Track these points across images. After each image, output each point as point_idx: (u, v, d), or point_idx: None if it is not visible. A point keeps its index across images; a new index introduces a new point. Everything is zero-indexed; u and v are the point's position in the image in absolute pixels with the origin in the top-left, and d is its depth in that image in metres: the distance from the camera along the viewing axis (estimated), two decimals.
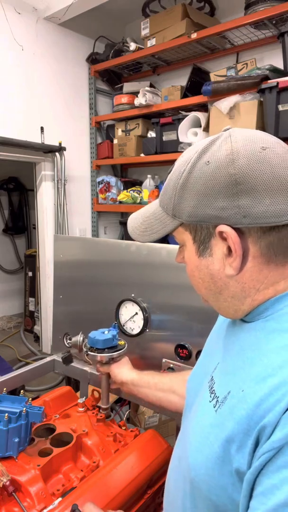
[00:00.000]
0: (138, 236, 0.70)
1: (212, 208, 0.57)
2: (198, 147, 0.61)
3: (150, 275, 1.36)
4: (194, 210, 0.59)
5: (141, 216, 0.71)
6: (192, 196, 0.59)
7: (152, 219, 0.68)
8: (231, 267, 0.59)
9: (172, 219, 0.64)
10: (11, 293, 5.05)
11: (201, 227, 0.60)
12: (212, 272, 0.62)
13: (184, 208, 0.60)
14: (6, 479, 0.88)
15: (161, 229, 0.66)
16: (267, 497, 0.47)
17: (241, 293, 0.61)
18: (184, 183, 0.60)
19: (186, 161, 0.61)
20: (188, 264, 0.67)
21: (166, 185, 0.65)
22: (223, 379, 0.63)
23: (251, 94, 2.49)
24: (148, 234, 0.68)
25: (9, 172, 4.89)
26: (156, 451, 1.10)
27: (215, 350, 0.74)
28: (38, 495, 0.89)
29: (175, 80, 3.39)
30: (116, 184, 3.54)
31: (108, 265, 1.49)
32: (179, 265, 1.27)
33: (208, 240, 0.61)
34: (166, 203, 0.64)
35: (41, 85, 3.22)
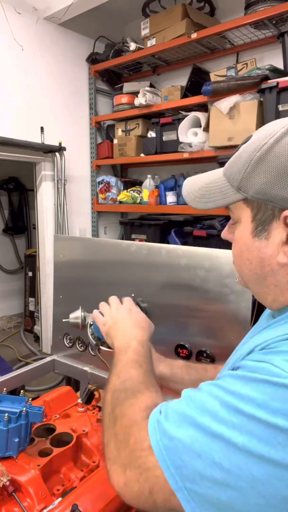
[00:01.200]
0: (193, 201, 0.67)
1: (286, 190, 0.54)
2: (285, 122, 0.56)
3: (150, 275, 1.36)
4: (265, 188, 0.55)
5: (200, 181, 0.67)
6: (267, 172, 0.55)
7: (212, 187, 0.64)
8: (286, 255, 0.56)
9: (235, 191, 0.60)
10: (11, 293, 5.05)
11: (266, 207, 0.57)
12: (262, 256, 0.59)
13: (254, 183, 0.57)
14: (6, 479, 0.88)
15: (221, 199, 0.62)
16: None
17: (286, 284, 0.59)
18: (262, 157, 0.56)
19: (270, 134, 0.56)
20: (238, 242, 0.63)
21: (238, 155, 0.61)
22: (229, 361, 0.68)
23: (251, 94, 2.49)
24: (204, 202, 0.65)
25: (9, 172, 4.88)
26: None
27: (244, 340, 0.76)
28: (38, 495, 0.89)
29: (175, 80, 3.39)
30: (116, 184, 3.54)
31: (108, 265, 1.49)
32: (179, 265, 1.27)
33: (269, 222, 0.57)
34: (233, 173, 0.60)
35: (41, 85, 3.22)
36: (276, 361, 0.49)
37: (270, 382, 0.47)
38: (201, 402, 0.51)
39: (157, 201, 3.14)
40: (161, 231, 3.09)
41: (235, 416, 0.47)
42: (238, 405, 0.47)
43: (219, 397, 0.50)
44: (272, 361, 0.49)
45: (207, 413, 0.50)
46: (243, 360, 0.54)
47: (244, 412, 0.47)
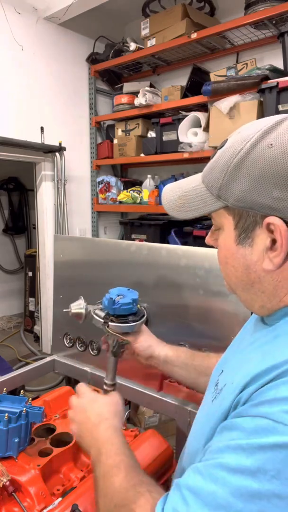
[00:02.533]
0: (173, 211, 0.65)
1: (266, 196, 0.52)
2: (260, 126, 0.55)
3: (150, 275, 1.36)
4: (245, 195, 0.54)
5: (178, 189, 0.66)
6: (245, 179, 0.53)
7: (192, 195, 0.62)
8: (271, 261, 0.55)
9: (215, 199, 0.58)
10: (11, 293, 5.05)
11: (248, 214, 0.55)
12: (248, 263, 0.58)
13: (233, 190, 0.55)
14: (6, 479, 0.88)
15: (201, 207, 0.60)
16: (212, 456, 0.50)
17: (273, 290, 0.58)
18: (239, 164, 0.54)
19: (245, 139, 0.54)
20: (222, 249, 0.62)
21: (215, 162, 0.59)
22: (227, 373, 0.64)
23: (251, 94, 2.49)
24: (185, 211, 0.63)
25: (9, 172, 4.89)
26: (156, 451, 1.10)
27: (236, 345, 0.74)
28: (38, 495, 0.89)
29: (175, 80, 3.39)
30: (116, 184, 3.54)
31: (108, 265, 1.49)
32: (179, 265, 1.27)
33: (252, 229, 0.56)
34: (211, 181, 0.59)
35: (41, 85, 3.22)
36: (276, 415, 0.45)
37: (278, 445, 0.43)
38: (211, 497, 0.47)
39: (157, 201, 3.14)
40: (161, 231, 3.09)
41: (252, 503, 0.43)
42: (252, 487, 0.44)
43: (227, 484, 0.46)
44: (273, 416, 0.45)
45: (222, 509, 0.45)
46: (240, 418, 0.50)
47: (261, 493, 0.43)
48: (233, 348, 0.75)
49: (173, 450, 1.14)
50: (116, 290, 0.97)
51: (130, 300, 0.94)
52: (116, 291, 0.97)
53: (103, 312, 0.94)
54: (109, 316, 0.93)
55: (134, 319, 0.94)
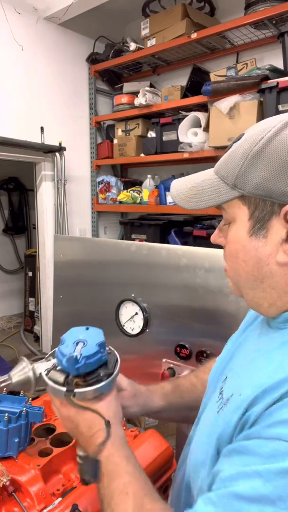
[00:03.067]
0: (183, 202, 0.63)
1: (286, 184, 0.51)
2: (282, 117, 0.55)
3: (150, 275, 1.36)
4: (264, 183, 0.53)
5: (189, 182, 0.64)
6: (266, 166, 0.53)
7: (205, 186, 0.61)
8: (286, 253, 0.54)
9: (230, 189, 0.57)
10: (11, 293, 5.05)
11: (265, 203, 0.54)
12: (260, 256, 0.56)
13: (251, 178, 0.54)
14: (6, 479, 0.88)
15: (214, 197, 0.59)
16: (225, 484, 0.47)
17: (284, 286, 0.56)
18: (260, 151, 0.53)
19: (266, 129, 0.54)
20: (232, 243, 0.60)
21: (231, 153, 0.58)
22: (232, 381, 0.62)
23: (251, 94, 2.49)
24: (196, 201, 0.61)
25: (9, 172, 4.89)
26: (156, 451, 1.10)
27: (236, 348, 0.72)
28: (38, 495, 0.89)
29: (175, 80, 3.39)
30: (116, 184, 3.54)
31: (108, 265, 1.49)
32: (179, 265, 1.27)
33: (268, 219, 0.54)
34: (227, 170, 0.57)
35: (41, 85, 3.22)
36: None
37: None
38: None
39: (157, 201, 3.13)
40: (161, 231, 3.09)
41: None
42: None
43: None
44: (286, 437, 0.44)
45: None
46: (252, 440, 0.47)
47: None
48: (236, 350, 0.72)
49: (173, 450, 1.14)
50: (70, 336, 0.69)
51: (96, 348, 0.66)
52: (71, 337, 0.69)
53: (62, 374, 0.67)
54: (73, 379, 0.66)
55: (107, 371, 0.68)
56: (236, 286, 0.64)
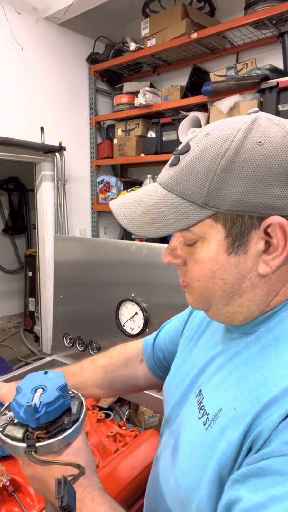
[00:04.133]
0: (141, 229, 0.55)
1: (266, 196, 0.49)
2: (237, 124, 0.52)
3: (150, 275, 1.36)
4: (242, 198, 0.49)
5: (138, 204, 0.57)
6: (241, 180, 0.49)
7: (162, 207, 0.54)
8: (268, 265, 0.52)
9: (200, 208, 0.51)
10: (11, 293, 5.05)
11: (243, 218, 0.50)
12: (242, 272, 0.53)
13: (226, 195, 0.50)
14: (6, 479, 0.88)
15: (182, 219, 0.52)
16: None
17: (264, 296, 0.55)
18: (229, 165, 0.49)
19: (226, 139, 0.50)
20: (205, 263, 0.55)
21: (189, 167, 0.52)
22: (214, 394, 0.58)
23: (251, 94, 2.49)
24: (158, 227, 0.53)
25: (9, 172, 4.89)
26: (156, 451, 1.10)
27: (197, 356, 0.68)
28: (38, 495, 0.89)
29: (175, 80, 3.39)
30: (116, 184, 3.54)
31: (108, 265, 1.49)
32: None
33: (247, 234, 0.51)
34: (190, 188, 0.52)
35: (41, 85, 3.22)
36: None
37: None
38: None
39: None
40: None
41: None
42: None
43: None
44: None
45: None
46: (273, 459, 0.43)
47: None
48: (195, 356, 0.68)
49: None
50: (27, 383, 0.61)
51: (57, 393, 0.58)
52: (28, 384, 0.61)
53: (20, 428, 0.58)
54: (33, 432, 0.57)
55: (71, 417, 0.59)
56: (203, 302, 0.59)
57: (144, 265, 1.37)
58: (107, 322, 1.45)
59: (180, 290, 1.29)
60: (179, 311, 1.32)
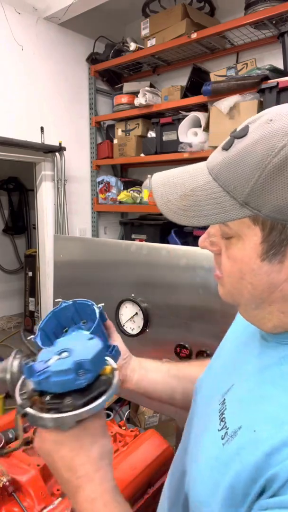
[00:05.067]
0: (174, 215, 0.50)
1: None
2: None
3: (150, 275, 1.36)
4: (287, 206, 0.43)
5: (180, 186, 0.51)
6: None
7: (201, 196, 0.49)
8: None
9: (239, 206, 0.46)
10: (11, 293, 5.05)
11: (284, 227, 0.45)
12: (274, 281, 0.49)
13: (271, 199, 0.44)
14: (6, 479, 0.88)
15: (218, 213, 0.47)
16: None
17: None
18: (281, 165, 0.43)
19: (286, 133, 0.43)
20: (237, 263, 0.51)
21: (237, 157, 0.46)
22: (236, 407, 0.54)
23: (251, 94, 2.49)
24: (192, 216, 0.49)
25: (9, 172, 4.89)
26: (156, 451, 1.10)
27: (233, 364, 0.63)
28: (38, 495, 0.89)
29: (175, 80, 3.39)
30: (116, 184, 3.54)
31: (108, 265, 1.49)
32: (179, 265, 1.27)
33: (286, 244, 0.46)
34: (234, 181, 0.46)
35: (41, 85, 3.22)
36: None
37: None
38: None
39: None
40: (161, 231, 3.09)
41: None
42: None
43: None
44: None
45: None
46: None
47: None
48: (232, 365, 0.64)
49: (173, 449, 1.14)
50: (66, 341, 0.58)
51: (70, 365, 0.51)
52: (65, 342, 0.58)
53: (31, 385, 0.54)
54: (32, 394, 0.52)
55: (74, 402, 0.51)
56: (232, 298, 0.56)
57: (144, 265, 1.37)
58: None
59: (180, 290, 1.30)
60: (179, 311, 1.32)
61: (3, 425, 1.16)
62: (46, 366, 0.51)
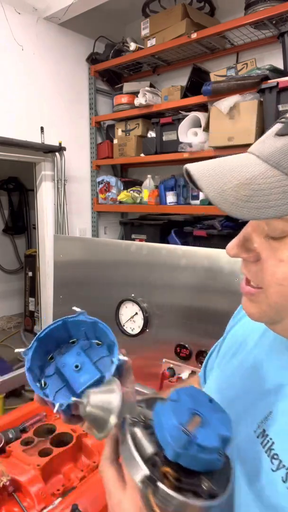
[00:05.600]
0: (232, 206, 0.42)
1: None
2: None
3: (150, 275, 1.36)
4: None
5: (233, 174, 0.44)
6: None
7: (264, 185, 0.42)
8: None
9: None
10: (11, 293, 5.05)
11: None
12: None
13: None
14: (6, 479, 0.88)
15: (285, 204, 0.40)
16: None
17: None
18: None
19: None
20: None
21: None
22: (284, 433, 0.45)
23: (251, 94, 2.49)
24: (256, 207, 0.41)
25: (9, 172, 4.89)
26: None
27: (258, 385, 0.52)
28: (38, 495, 0.89)
29: (175, 80, 3.39)
30: (116, 184, 3.54)
31: (108, 265, 1.49)
32: (179, 265, 1.27)
33: None
34: None
35: (41, 85, 3.22)
36: None
37: None
38: None
39: (157, 201, 3.13)
40: (161, 231, 3.09)
41: None
42: None
43: None
44: None
45: None
46: None
47: None
48: (258, 388, 0.52)
49: None
50: (187, 396, 0.45)
51: (217, 443, 0.42)
52: (187, 398, 0.45)
53: (150, 443, 0.43)
54: (162, 463, 0.42)
55: (214, 488, 0.42)
56: (273, 313, 0.47)
57: (144, 265, 1.37)
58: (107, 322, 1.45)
59: (180, 290, 1.29)
60: (179, 311, 1.32)
61: (3, 425, 1.16)
62: (191, 435, 0.40)
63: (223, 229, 2.66)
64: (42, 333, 0.55)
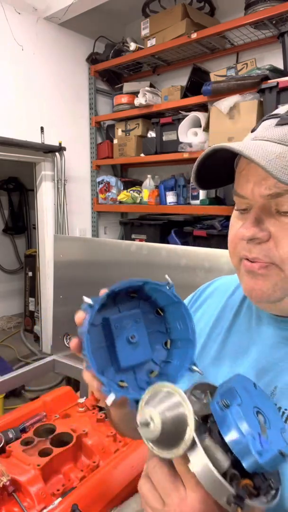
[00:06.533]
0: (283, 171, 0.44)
1: None
2: None
3: (150, 275, 1.36)
4: None
5: (265, 149, 0.47)
6: None
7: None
8: None
9: None
10: (11, 293, 5.05)
11: None
12: None
13: None
14: (6, 479, 0.88)
15: None
16: None
17: None
18: None
19: None
20: None
21: None
22: None
23: (251, 94, 2.49)
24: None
25: (9, 172, 4.89)
26: None
27: (256, 361, 0.53)
28: (38, 495, 0.89)
29: (175, 80, 3.39)
30: (116, 184, 3.54)
31: (108, 265, 1.49)
32: (179, 265, 1.27)
33: None
34: None
35: (41, 85, 3.22)
36: None
37: None
38: None
39: (157, 201, 3.14)
40: (161, 231, 3.09)
41: None
42: None
43: None
44: None
45: None
46: None
47: None
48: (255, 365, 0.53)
49: None
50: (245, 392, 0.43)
51: (283, 442, 0.42)
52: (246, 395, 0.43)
53: (223, 453, 0.40)
54: (240, 478, 0.40)
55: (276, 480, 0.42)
56: (281, 290, 0.49)
57: (144, 265, 1.37)
58: None
59: (180, 290, 1.29)
60: None
61: (3, 425, 1.16)
62: (267, 443, 0.39)
63: (223, 229, 2.66)
64: (116, 287, 0.50)
